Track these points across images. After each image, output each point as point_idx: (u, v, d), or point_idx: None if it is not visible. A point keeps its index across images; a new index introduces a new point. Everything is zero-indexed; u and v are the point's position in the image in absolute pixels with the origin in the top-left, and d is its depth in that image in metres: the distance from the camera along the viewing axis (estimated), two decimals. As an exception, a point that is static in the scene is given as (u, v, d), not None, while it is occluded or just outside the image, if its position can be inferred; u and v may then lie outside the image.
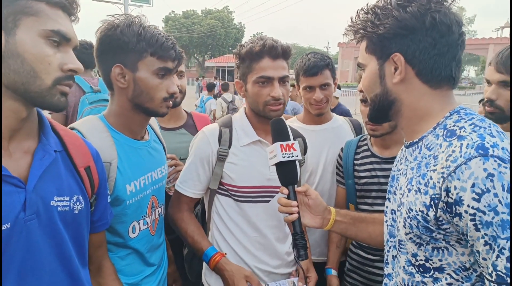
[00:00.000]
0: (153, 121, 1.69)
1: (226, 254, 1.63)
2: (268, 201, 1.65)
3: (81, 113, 2.71)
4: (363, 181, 1.88)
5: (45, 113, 1.06)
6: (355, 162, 1.94)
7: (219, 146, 1.62)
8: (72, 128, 1.33)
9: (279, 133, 1.36)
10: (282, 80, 1.57)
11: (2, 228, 0.84)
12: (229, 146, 1.63)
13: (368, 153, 1.91)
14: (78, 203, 1.03)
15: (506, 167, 0.81)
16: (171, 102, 1.44)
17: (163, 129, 2.10)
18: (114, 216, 1.32)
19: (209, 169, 1.64)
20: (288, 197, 1.31)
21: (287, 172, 1.32)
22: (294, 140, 1.78)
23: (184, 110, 2.29)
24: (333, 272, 1.95)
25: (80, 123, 1.37)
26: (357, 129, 2.29)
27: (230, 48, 55.30)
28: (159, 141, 1.65)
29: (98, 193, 1.15)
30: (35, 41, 0.86)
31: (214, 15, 55.53)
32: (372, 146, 1.92)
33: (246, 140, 1.64)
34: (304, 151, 1.87)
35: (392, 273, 1.15)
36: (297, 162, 1.36)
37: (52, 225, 0.95)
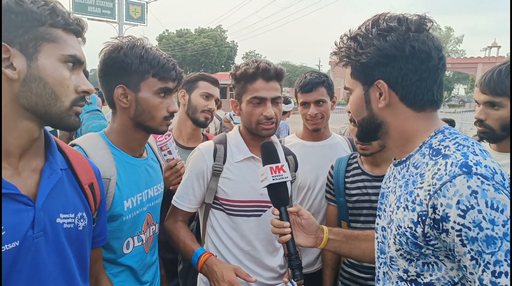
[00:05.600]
0: (151, 140, 1.72)
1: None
2: (260, 215, 1.69)
3: (81, 120, 3.28)
4: (354, 199, 1.90)
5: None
6: (346, 180, 1.95)
7: (214, 161, 1.68)
8: (74, 144, 1.36)
9: (269, 156, 1.41)
10: (275, 100, 1.64)
11: (11, 246, 0.86)
12: (224, 162, 1.69)
13: (359, 171, 1.93)
14: (82, 220, 1.05)
15: (489, 184, 0.84)
16: (171, 120, 1.48)
17: (182, 147, 2.21)
18: (109, 232, 1.33)
19: (204, 184, 1.69)
20: (281, 218, 1.33)
21: (278, 194, 1.35)
22: (285, 157, 1.82)
23: (202, 133, 2.41)
24: None
25: (81, 139, 1.40)
26: (355, 147, 2.30)
27: (222, 66, 55.78)
28: (156, 160, 1.68)
29: (99, 210, 1.17)
30: (56, 66, 0.92)
31: (207, 34, 56.04)
32: (363, 164, 1.94)
33: (239, 156, 1.70)
34: (295, 168, 1.91)
35: None
36: (288, 182, 1.38)
37: (58, 242, 0.97)
